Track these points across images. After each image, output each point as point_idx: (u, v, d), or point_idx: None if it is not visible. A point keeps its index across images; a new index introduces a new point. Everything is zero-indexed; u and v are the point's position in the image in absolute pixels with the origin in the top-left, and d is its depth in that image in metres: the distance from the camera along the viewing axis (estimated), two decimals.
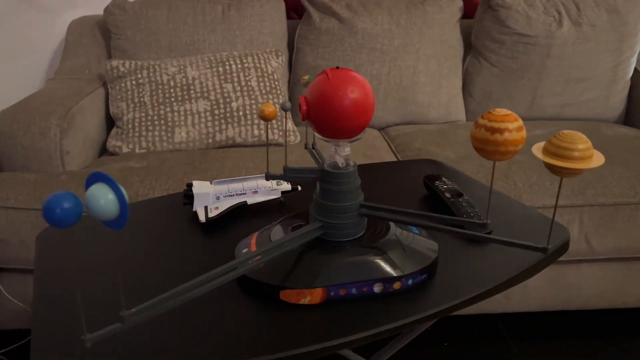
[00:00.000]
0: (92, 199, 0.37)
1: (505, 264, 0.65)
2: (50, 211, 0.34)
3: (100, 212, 0.37)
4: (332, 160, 0.61)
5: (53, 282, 0.64)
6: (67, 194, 0.35)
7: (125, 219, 0.38)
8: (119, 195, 0.37)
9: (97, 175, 0.37)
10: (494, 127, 0.46)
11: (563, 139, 0.46)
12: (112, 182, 0.37)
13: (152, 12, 1.68)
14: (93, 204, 0.36)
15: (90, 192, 0.37)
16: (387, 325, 0.54)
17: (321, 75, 0.58)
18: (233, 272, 0.51)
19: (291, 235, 0.58)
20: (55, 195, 0.35)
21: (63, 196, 0.35)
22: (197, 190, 0.76)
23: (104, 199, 0.36)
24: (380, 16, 1.72)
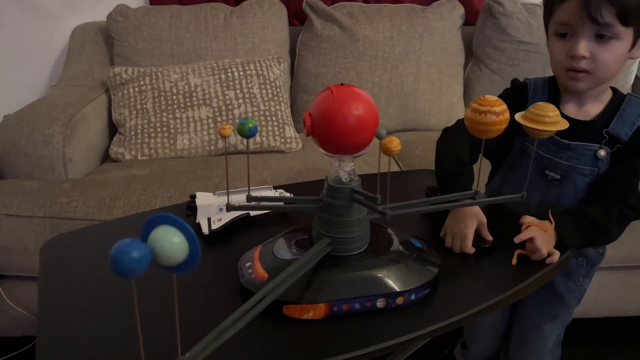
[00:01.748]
0: (156, 243, 0.33)
1: (508, 277, 0.65)
2: (119, 263, 0.31)
3: (167, 257, 0.34)
4: (335, 174, 0.62)
5: (58, 294, 0.65)
6: (135, 243, 0.32)
7: (195, 262, 0.34)
8: (187, 236, 0.34)
9: (160, 218, 0.34)
10: (483, 109, 0.56)
11: (538, 108, 0.60)
12: (178, 222, 0.34)
13: (154, 19, 1.68)
14: (157, 250, 0.33)
15: (153, 237, 0.33)
16: (391, 341, 0.55)
17: (325, 92, 0.58)
18: (261, 303, 0.51)
19: (304, 258, 0.58)
20: (123, 244, 0.32)
21: (131, 245, 0.32)
22: (201, 202, 0.76)
23: (168, 242, 0.33)
24: (382, 23, 1.72)
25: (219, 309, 0.60)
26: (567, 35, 0.74)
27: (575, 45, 0.72)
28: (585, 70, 0.73)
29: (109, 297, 0.63)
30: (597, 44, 0.72)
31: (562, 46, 0.75)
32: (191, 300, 0.62)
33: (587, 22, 0.71)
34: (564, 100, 0.81)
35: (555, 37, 0.76)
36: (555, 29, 0.75)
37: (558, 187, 0.81)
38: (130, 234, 0.81)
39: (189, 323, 0.57)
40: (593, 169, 0.79)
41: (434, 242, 0.70)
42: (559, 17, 0.74)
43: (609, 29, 0.71)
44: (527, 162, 0.75)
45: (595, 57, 0.73)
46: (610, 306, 1.40)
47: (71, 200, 1.21)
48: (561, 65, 0.76)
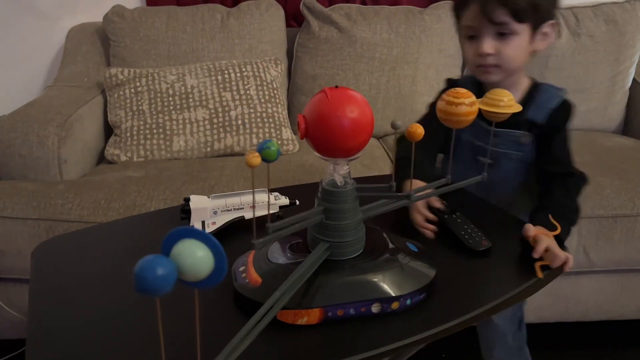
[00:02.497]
0: (179, 258, 0.32)
1: (504, 282, 0.65)
2: (143, 281, 0.30)
3: (191, 273, 0.32)
4: (330, 178, 0.61)
5: (49, 297, 0.64)
6: (159, 259, 0.30)
7: (221, 276, 0.33)
8: (212, 248, 0.32)
9: (182, 231, 0.32)
10: (454, 101, 0.60)
11: (494, 93, 0.66)
12: (201, 235, 0.32)
13: (151, 20, 1.68)
14: (181, 265, 0.32)
15: (176, 252, 0.32)
16: (385, 347, 0.54)
17: (320, 95, 0.58)
18: (268, 314, 0.50)
19: (304, 266, 0.57)
20: (147, 261, 0.30)
21: (156, 261, 0.30)
22: (195, 205, 0.76)
23: (191, 257, 0.32)
24: (379, 25, 1.72)
25: (212, 314, 0.59)
26: (475, 36, 0.84)
27: (481, 45, 0.83)
28: (494, 64, 0.84)
29: (101, 301, 0.63)
30: (499, 41, 0.83)
31: (472, 47, 0.85)
32: (184, 304, 0.61)
33: (486, 24, 0.82)
34: (487, 91, 0.88)
35: (466, 40, 0.86)
36: (465, 33, 0.86)
37: (491, 171, 0.86)
38: (125, 237, 0.81)
39: (181, 328, 0.57)
40: (518, 154, 0.89)
41: (430, 246, 0.69)
42: (465, 22, 0.85)
43: (506, 27, 0.82)
44: (462, 150, 0.89)
45: (500, 53, 0.83)
46: (608, 309, 1.40)
47: (66, 202, 1.20)
48: (474, 63, 0.86)
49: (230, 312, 0.59)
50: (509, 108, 0.65)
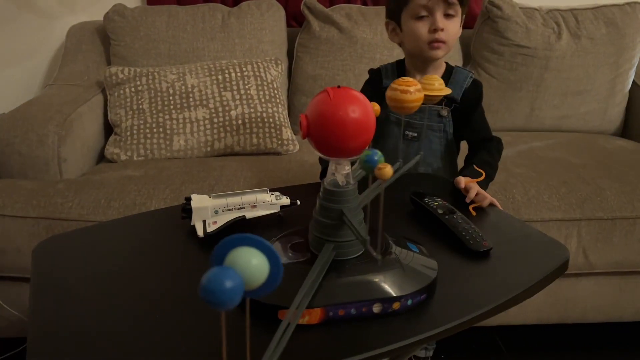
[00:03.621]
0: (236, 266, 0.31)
1: (505, 283, 0.65)
2: (211, 294, 0.29)
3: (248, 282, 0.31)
4: (332, 178, 0.61)
5: (49, 296, 0.64)
6: (227, 271, 0.29)
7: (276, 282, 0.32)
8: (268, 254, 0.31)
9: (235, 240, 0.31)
10: (402, 89, 0.65)
11: (427, 79, 0.73)
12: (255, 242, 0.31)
13: (151, 19, 1.68)
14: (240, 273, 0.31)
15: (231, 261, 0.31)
16: (386, 347, 0.54)
17: (322, 94, 0.58)
18: (289, 328, 0.50)
19: (317, 267, 0.57)
20: (215, 273, 0.29)
21: (224, 273, 0.29)
22: (196, 204, 0.76)
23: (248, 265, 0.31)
24: (380, 26, 1.71)
25: (213, 313, 0.59)
26: (425, 16, 0.96)
27: (435, 21, 0.95)
28: (443, 40, 0.97)
29: (102, 300, 0.62)
30: (447, 20, 0.97)
31: (424, 25, 0.97)
32: (185, 305, 0.61)
33: (440, 3, 0.95)
34: (410, 74, 1.05)
35: (414, 20, 0.97)
36: (415, 13, 0.97)
37: (416, 144, 1.03)
38: (126, 236, 0.81)
39: (184, 329, 0.57)
40: (440, 125, 1.04)
41: (431, 247, 0.69)
42: (418, 2, 0.95)
43: (454, 9, 0.96)
44: (393, 128, 1.04)
45: (448, 30, 0.97)
46: (607, 311, 1.40)
47: (66, 201, 1.20)
48: (425, 40, 0.97)
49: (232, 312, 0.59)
50: (441, 91, 0.73)
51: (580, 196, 1.28)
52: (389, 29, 1.05)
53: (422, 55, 1.00)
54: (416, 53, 1.01)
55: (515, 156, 1.50)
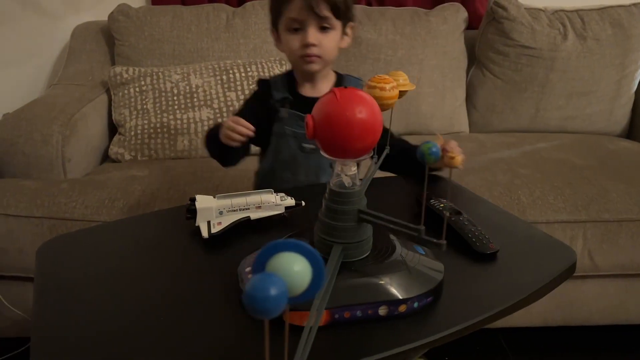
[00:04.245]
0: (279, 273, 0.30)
1: (511, 286, 0.64)
2: (256, 301, 0.29)
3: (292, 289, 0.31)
4: (338, 179, 0.61)
5: (53, 296, 0.64)
6: (271, 278, 0.29)
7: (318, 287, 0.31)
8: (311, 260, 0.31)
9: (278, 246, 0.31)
10: (377, 86, 0.65)
11: (392, 75, 0.71)
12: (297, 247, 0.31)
13: (156, 19, 1.67)
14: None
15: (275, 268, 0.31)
16: (392, 350, 0.53)
17: (329, 95, 0.57)
18: (311, 335, 0.49)
19: (329, 269, 0.56)
20: (259, 280, 0.29)
21: (268, 280, 0.29)
22: (200, 205, 0.75)
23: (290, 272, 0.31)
24: (385, 27, 1.72)
25: (219, 315, 0.59)
26: (299, 29, 0.92)
27: (306, 37, 0.92)
28: (317, 55, 0.93)
29: (106, 300, 0.62)
30: (321, 34, 0.93)
31: (296, 38, 0.93)
32: (190, 306, 0.61)
33: (312, 17, 0.91)
34: (300, 85, 1.01)
35: (288, 32, 0.94)
36: (288, 25, 0.93)
37: (316, 155, 0.97)
38: (130, 236, 0.80)
39: (188, 330, 0.56)
40: None
41: (437, 249, 0.69)
42: (289, 15, 0.92)
43: (328, 22, 0.92)
44: (289, 141, 0.99)
45: (322, 44, 0.93)
46: (612, 313, 1.39)
47: (69, 201, 1.20)
48: (297, 54, 0.94)
49: (236, 313, 0.59)
50: (405, 86, 0.73)
51: (585, 198, 1.27)
52: (273, 36, 1.01)
53: (299, 68, 0.98)
54: (294, 65, 1.00)
55: (520, 157, 1.50)
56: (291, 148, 1.00)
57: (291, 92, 1.00)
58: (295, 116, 0.98)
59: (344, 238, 0.60)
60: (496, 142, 1.63)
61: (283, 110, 0.99)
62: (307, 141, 0.98)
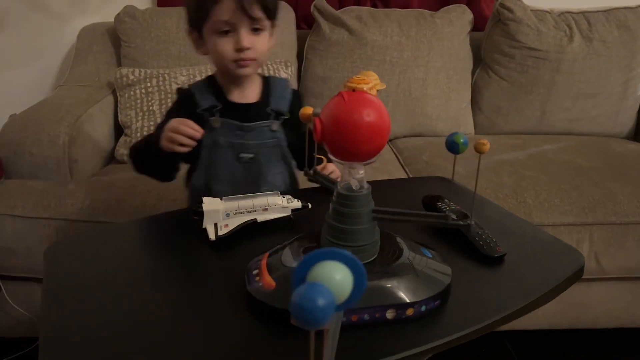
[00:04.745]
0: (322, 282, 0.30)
1: (519, 290, 0.64)
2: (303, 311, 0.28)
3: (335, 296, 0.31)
4: (345, 182, 0.61)
5: (61, 298, 0.64)
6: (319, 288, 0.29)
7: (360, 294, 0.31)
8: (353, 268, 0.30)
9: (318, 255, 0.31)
10: (354, 87, 0.61)
11: (363, 75, 0.66)
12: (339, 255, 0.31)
13: (162, 21, 1.68)
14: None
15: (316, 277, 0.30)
16: (400, 354, 0.53)
17: (337, 98, 0.57)
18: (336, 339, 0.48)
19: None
20: (307, 290, 0.29)
21: (316, 291, 0.29)
22: (207, 207, 0.75)
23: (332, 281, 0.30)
24: (390, 28, 1.72)
25: (225, 317, 0.59)
26: (229, 31, 0.86)
27: (239, 40, 0.86)
28: (252, 58, 0.88)
29: (114, 302, 0.62)
30: (254, 36, 0.88)
31: (228, 42, 0.87)
32: (196, 308, 0.61)
33: (244, 19, 0.85)
34: (227, 91, 0.95)
35: (217, 35, 0.87)
36: (217, 28, 0.86)
37: (255, 164, 0.95)
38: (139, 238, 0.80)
39: (195, 331, 0.56)
40: (274, 140, 0.95)
41: (444, 252, 0.69)
42: (219, 17, 0.85)
43: (260, 23, 0.87)
44: (224, 152, 0.93)
45: (256, 47, 0.88)
46: (619, 316, 1.39)
47: (76, 202, 1.20)
48: (230, 59, 0.88)
49: (243, 315, 0.59)
50: (376, 85, 0.69)
51: (592, 200, 1.27)
52: (192, 38, 0.93)
53: (229, 72, 0.91)
54: (223, 70, 0.92)
55: (526, 159, 1.49)
56: (227, 159, 0.93)
57: (218, 99, 0.93)
58: (229, 124, 0.92)
59: (351, 241, 0.60)
60: (502, 144, 1.62)
61: (214, 120, 0.92)
62: (244, 150, 0.93)
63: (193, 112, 0.91)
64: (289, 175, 0.99)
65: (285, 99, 0.97)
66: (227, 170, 0.93)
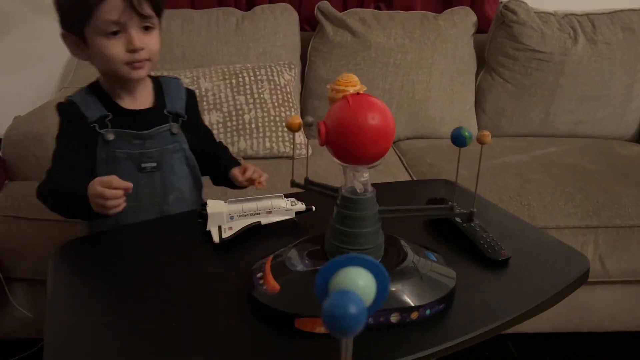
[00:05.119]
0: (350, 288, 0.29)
1: (524, 293, 0.64)
2: (335, 319, 0.28)
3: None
4: (349, 185, 0.60)
5: (66, 300, 0.64)
6: (351, 296, 0.28)
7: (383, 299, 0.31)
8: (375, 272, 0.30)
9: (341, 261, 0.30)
10: (340, 89, 0.61)
11: (345, 77, 0.65)
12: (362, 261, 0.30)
13: (166, 23, 1.66)
14: None
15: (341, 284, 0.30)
16: (404, 358, 0.53)
17: (341, 101, 0.57)
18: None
19: None
20: (338, 298, 0.28)
21: (348, 298, 0.28)
22: (211, 209, 0.76)
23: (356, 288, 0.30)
24: (394, 30, 1.71)
25: (229, 320, 0.59)
26: (117, 32, 0.80)
27: (132, 40, 0.80)
28: (146, 59, 0.83)
29: (117, 304, 0.62)
30: (145, 35, 0.82)
31: (117, 43, 0.80)
32: (200, 310, 0.61)
33: (134, 17, 0.79)
34: (117, 97, 0.88)
35: (103, 37, 0.80)
36: (104, 29, 0.79)
37: (159, 173, 0.90)
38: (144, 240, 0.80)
39: (198, 334, 0.56)
40: (176, 144, 0.90)
41: (448, 256, 0.69)
42: (106, 17, 0.78)
43: (150, 21, 0.82)
44: (124, 164, 0.86)
45: (149, 47, 0.82)
46: (623, 320, 1.38)
47: None
48: (121, 61, 0.81)
49: (246, 318, 0.59)
50: (356, 87, 0.67)
51: (596, 203, 1.27)
52: (68, 42, 0.85)
53: (120, 76, 0.84)
54: (113, 74, 0.84)
55: (530, 162, 1.49)
56: (127, 172, 0.85)
57: (108, 108, 0.86)
58: (126, 134, 0.86)
59: (356, 244, 0.59)
60: (506, 146, 1.62)
61: (107, 131, 0.85)
62: (145, 160, 0.87)
63: (83, 127, 0.84)
64: (194, 179, 0.95)
65: (182, 99, 0.93)
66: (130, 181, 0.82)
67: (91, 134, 0.85)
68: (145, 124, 0.88)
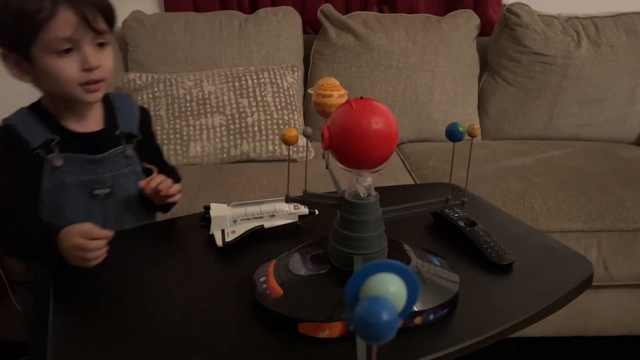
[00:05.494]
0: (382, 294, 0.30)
1: (528, 298, 0.64)
2: (367, 326, 0.28)
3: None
4: (353, 189, 0.60)
5: (69, 303, 0.64)
6: (382, 302, 0.28)
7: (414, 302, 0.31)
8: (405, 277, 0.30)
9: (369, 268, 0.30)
10: (325, 94, 0.64)
11: (326, 82, 0.67)
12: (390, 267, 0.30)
13: (169, 26, 1.69)
14: None
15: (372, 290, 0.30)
16: None
17: (345, 106, 0.57)
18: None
19: None
20: (370, 304, 0.28)
21: (379, 305, 0.28)
22: (215, 213, 0.76)
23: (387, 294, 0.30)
24: (397, 33, 1.72)
25: (232, 324, 0.59)
26: (71, 50, 0.73)
27: (87, 58, 0.73)
28: (102, 78, 0.76)
29: (120, 308, 0.62)
30: (99, 52, 0.75)
31: (70, 63, 0.73)
32: (204, 314, 0.61)
33: (89, 33, 0.73)
34: (64, 119, 0.80)
35: (54, 56, 0.73)
36: (55, 47, 0.72)
37: (113, 198, 0.84)
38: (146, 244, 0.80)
39: (201, 338, 0.56)
40: (130, 167, 0.85)
41: (452, 260, 0.68)
42: (57, 34, 0.71)
43: (105, 37, 0.76)
44: (75, 192, 0.80)
45: (104, 65, 0.76)
46: (627, 323, 1.38)
47: None
48: (76, 81, 0.74)
49: (249, 323, 0.59)
50: (341, 94, 0.67)
51: (600, 206, 1.26)
52: (8, 63, 0.75)
53: (71, 99, 0.77)
54: (63, 97, 0.77)
55: (533, 165, 1.48)
56: (78, 200, 0.80)
57: (54, 131, 0.79)
58: (76, 159, 0.79)
59: (359, 249, 0.59)
60: (509, 149, 1.62)
61: (55, 157, 0.78)
62: (98, 186, 0.81)
63: (25, 153, 0.76)
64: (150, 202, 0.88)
65: (135, 117, 0.87)
66: (80, 212, 0.80)
67: (35, 161, 0.77)
68: (97, 147, 0.81)
